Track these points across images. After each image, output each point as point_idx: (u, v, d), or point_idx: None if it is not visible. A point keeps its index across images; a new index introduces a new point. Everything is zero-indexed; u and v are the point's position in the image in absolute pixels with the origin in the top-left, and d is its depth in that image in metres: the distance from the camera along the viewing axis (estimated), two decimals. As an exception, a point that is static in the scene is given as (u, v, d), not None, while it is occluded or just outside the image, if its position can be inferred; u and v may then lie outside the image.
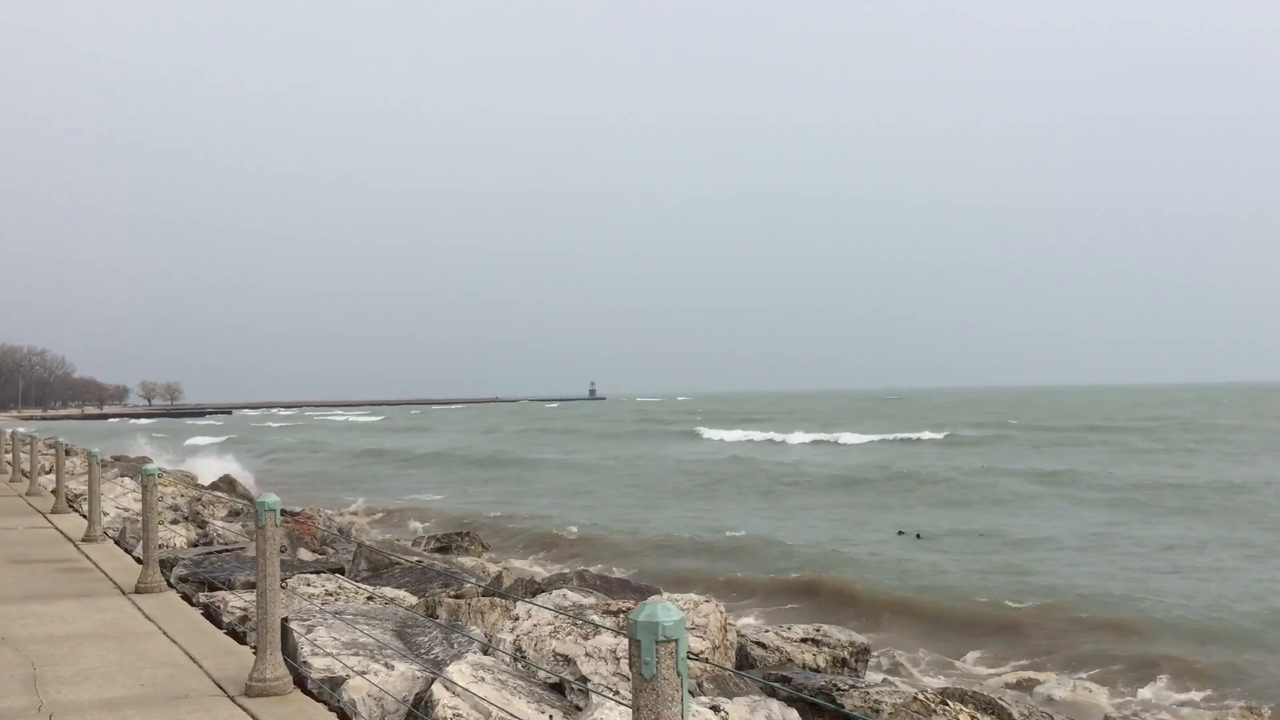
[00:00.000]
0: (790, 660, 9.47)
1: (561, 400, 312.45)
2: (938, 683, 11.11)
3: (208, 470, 37.83)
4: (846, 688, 7.81)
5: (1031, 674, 12.29)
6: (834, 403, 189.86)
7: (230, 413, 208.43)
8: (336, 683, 6.63)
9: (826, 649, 9.69)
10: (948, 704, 6.24)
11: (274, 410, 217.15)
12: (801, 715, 6.49)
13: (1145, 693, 11.68)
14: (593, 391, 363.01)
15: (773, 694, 7.08)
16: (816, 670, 9.23)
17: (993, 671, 12.56)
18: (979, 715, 6.19)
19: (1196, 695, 11.55)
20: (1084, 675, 12.17)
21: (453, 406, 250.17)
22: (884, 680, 10.08)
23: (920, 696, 6.42)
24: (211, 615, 9.19)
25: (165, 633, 8.42)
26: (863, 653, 9.95)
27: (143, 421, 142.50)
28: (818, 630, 10.19)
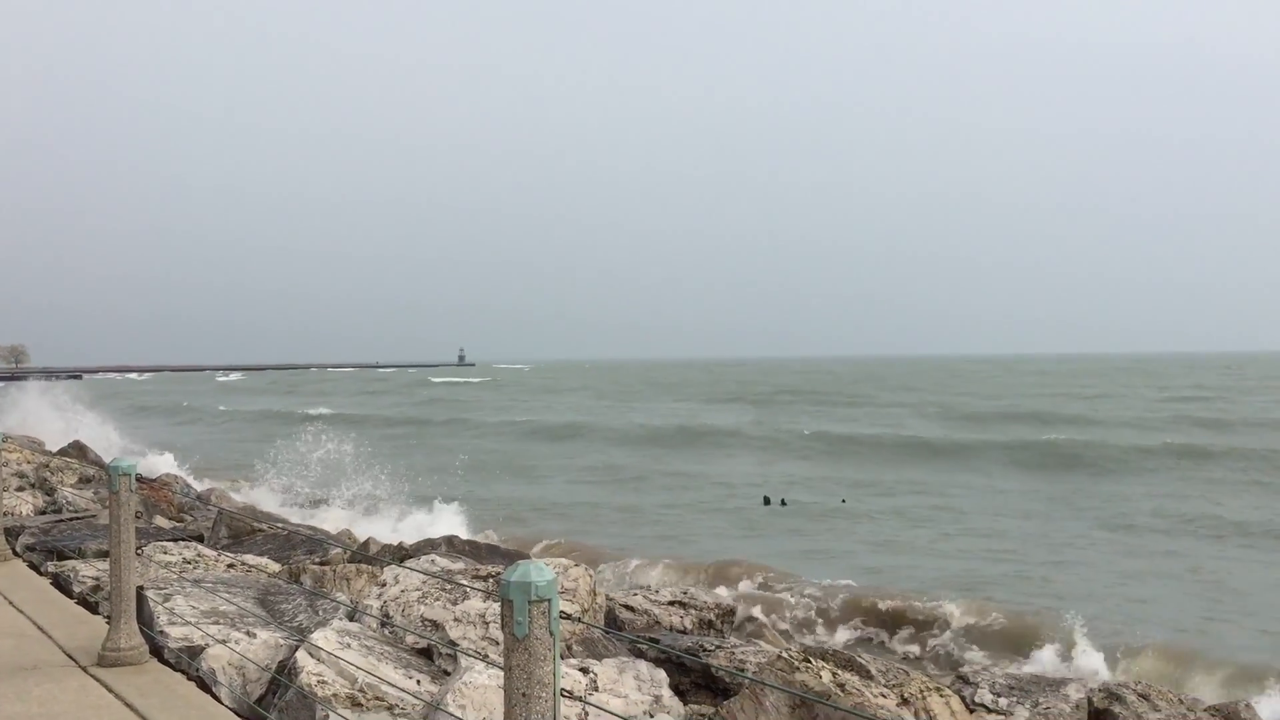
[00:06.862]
0: (658, 623, 9.62)
1: (430, 366, 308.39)
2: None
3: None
4: (713, 648, 7.98)
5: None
6: (678, 373, 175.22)
7: (80, 377, 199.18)
8: (195, 651, 6.45)
9: (694, 611, 9.88)
10: (810, 661, 6.42)
11: (129, 375, 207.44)
12: (670, 675, 6.60)
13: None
14: (462, 357, 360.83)
15: (641, 655, 7.18)
16: (684, 632, 9.40)
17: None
18: (840, 671, 6.39)
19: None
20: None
21: (311, 370, 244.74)
22: (749, 640, 10.31)
23: (784, 654, 6.59)
24: (61, 585, 8.83)
25: (11, 602, 8.07)
26: (728, 614, 10.18)
27: None
28: (685, 594, 10.38)
